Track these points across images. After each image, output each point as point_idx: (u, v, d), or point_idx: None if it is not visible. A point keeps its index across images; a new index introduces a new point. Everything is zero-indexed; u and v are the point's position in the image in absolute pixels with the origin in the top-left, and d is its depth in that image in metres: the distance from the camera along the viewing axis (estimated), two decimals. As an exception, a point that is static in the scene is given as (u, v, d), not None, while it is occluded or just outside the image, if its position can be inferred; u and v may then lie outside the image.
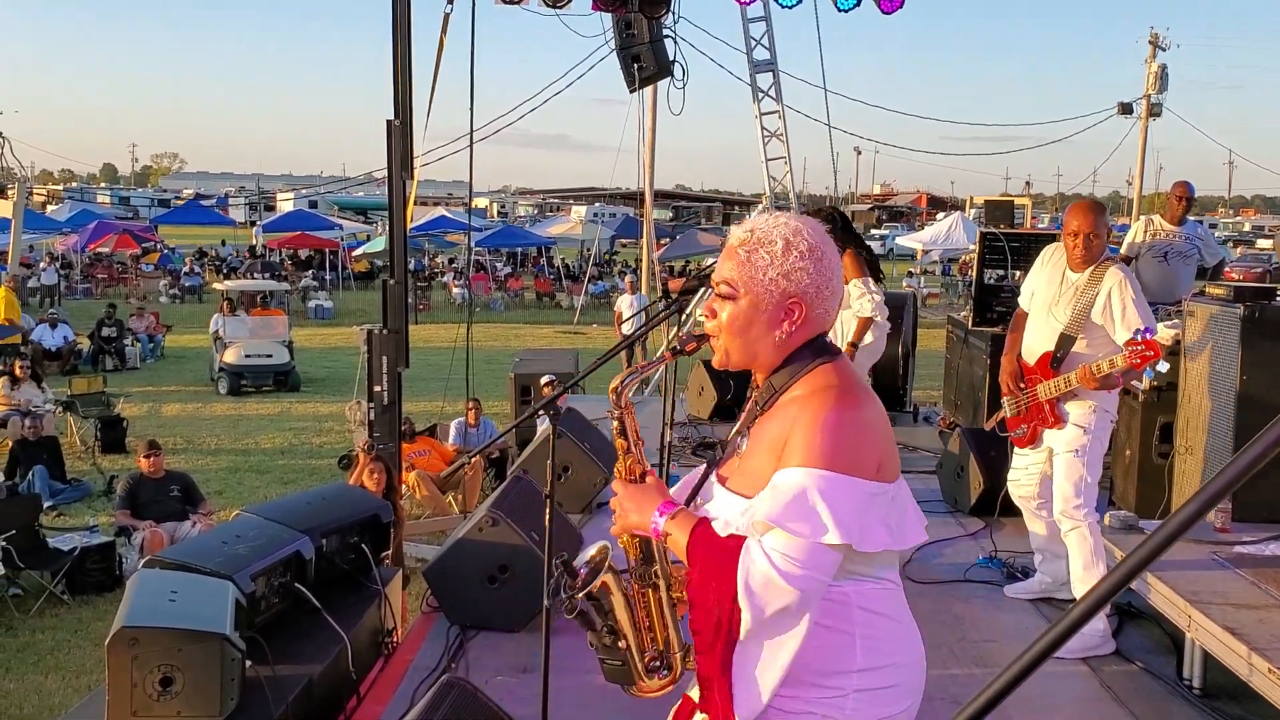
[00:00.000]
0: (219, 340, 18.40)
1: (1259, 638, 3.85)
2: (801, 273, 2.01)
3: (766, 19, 15.00)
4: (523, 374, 12.02)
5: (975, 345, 8.35)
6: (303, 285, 32.07)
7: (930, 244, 34.83)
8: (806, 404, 1.97)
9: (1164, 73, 35.01)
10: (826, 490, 1.87)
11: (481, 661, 4.51)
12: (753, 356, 2.07)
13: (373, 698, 4.30)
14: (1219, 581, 4.45)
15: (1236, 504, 5.19)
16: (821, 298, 2.03)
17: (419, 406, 13.83)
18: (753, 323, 2.03)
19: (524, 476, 5.51)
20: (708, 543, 1.97)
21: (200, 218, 47.10)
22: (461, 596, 4.81)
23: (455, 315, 21.41)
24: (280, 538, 4.45)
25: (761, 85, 15.42)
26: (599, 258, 39.68)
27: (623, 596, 2.16)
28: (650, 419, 9.03)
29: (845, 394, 1.97)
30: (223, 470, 12.34)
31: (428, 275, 35.18)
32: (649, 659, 2.19)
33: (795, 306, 2.02)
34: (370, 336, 8.51)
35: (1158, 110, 35.16)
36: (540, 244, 40.62)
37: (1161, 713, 4.15)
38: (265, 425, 15.01)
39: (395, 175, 8.70)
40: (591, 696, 4.24)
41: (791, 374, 2.03)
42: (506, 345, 21.61)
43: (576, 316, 28.46)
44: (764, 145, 15.78)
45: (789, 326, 2.02)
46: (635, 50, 13.00)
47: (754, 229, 2.06)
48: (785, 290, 2.01)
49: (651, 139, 18.84)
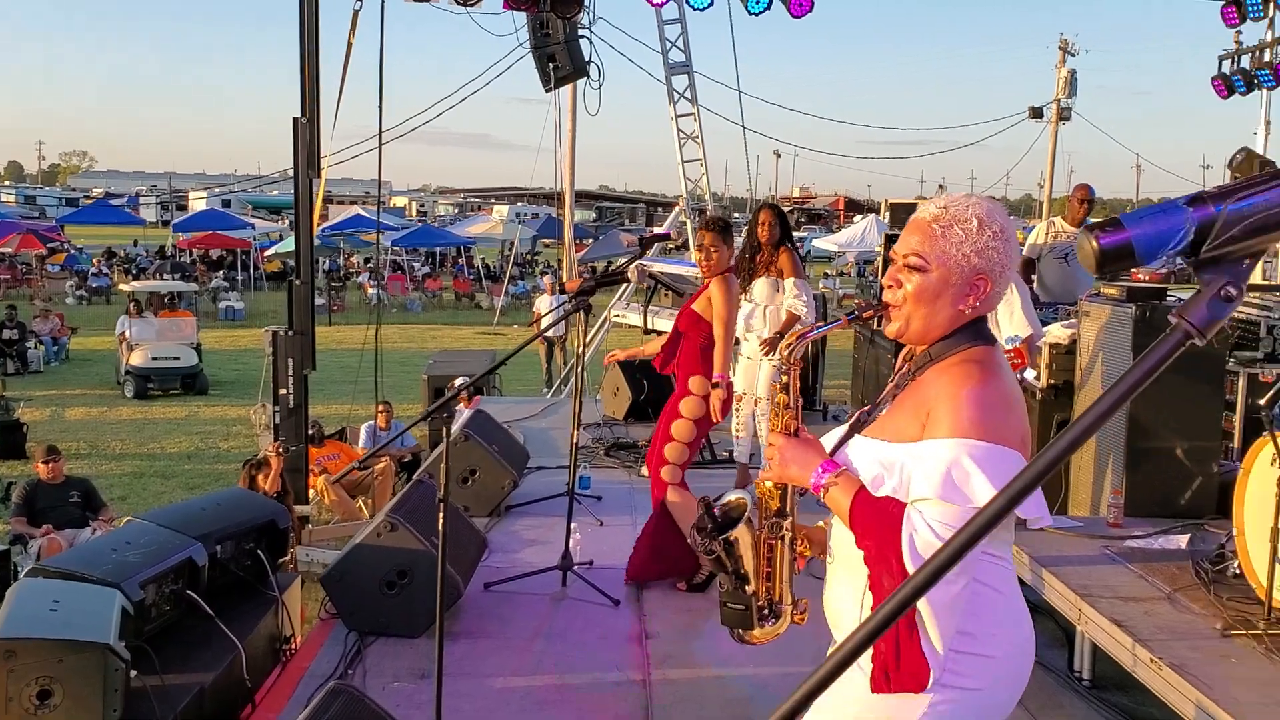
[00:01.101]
0: (125, 343, 17.98)
1: (1143, 629, 3.95)
2: (993, 251, 2.08)
3: (681, 21, 15.07)
4: (436, 376, 11.91)
5: (881, 345, 8.47)
6: (213, 286, 31.44)
7: (846, 246, 35.33)
8: (954, 375, 2.05)
9: (1074, 78, 35.75)
10: (979, 458, 1.94)
11: (380, 668, 4.44)
12: (931, 328, 2.13)
13: (267, 705, 4.21)
14: (1109, 575, 4.56)
15: (1129, 500, 5.32)
16: (1004, 278, 2.12)
17: (330, 409, 13.63)
18: (940, 294, 2.10)
19: (427, 480, 5.45)
20: (872, 505, 2.04)
21: (110, 217, 45.98)
22: (360, 602, 4.74)
23: (370, 316, 21.17)
24: (172, 544, 4.35)
25: (677, 87, 15.48)
26: (520, 258, 39.49)
27: (752, 544, 2.24)
28: (562, 420, 9.00)
29: (991, 370, 2.06)
30: (126, 475, 12.05)
31: (343, 275, 34.70)
32: (761, 604, 2.26)
33: (982, 282, 2.09)
34: (275, 338, 8.39)
35: (1067, 114, 35.89)
36: (460, 244, 40.29)
37: (1052, 704, 4.23)
38: (172, 429, 14.69)
39: (302, 173, 8.58)
40: (490, 700, 4.21)
41: (949, 346, 2.11)
42: (423, 347, 21.42)
43: (496, 317, 28.30)
44: (680, 147, 15.85)
45: (974, 301, 2.10)
46: (550, 50, 12.97)
47: (948, 205, 2.13)
48: (976, 266, 2.08)
49: (571, 139, 18.78)
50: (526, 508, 6.87)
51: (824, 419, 9.95)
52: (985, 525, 0.94)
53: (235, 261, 36.56)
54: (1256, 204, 0.89)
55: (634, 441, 8.53)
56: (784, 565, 2.26)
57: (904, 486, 2.03)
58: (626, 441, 8.68)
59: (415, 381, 13.95)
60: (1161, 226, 0.90)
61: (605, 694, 4.30)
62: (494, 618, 4.99)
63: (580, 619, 5.03)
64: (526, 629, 4.89)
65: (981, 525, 0.93)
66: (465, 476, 6.65)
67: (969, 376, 2.03)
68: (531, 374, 18.61)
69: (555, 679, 4.41)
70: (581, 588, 5.28)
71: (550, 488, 7.02)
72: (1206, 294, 0.89)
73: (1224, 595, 4.26)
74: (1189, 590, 4.36)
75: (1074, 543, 4.98)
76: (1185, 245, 0.90)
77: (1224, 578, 4.46)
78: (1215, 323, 0.89)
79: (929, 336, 2.14)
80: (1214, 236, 0.89)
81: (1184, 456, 5.46)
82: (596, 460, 8.19)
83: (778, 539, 2.26)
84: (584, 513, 6.53)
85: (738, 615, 2.27)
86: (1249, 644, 3.82)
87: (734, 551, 2.22)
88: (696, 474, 7.05)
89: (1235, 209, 0.89)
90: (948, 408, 2.00)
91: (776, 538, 2.26)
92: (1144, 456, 5.44)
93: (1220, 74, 12.25)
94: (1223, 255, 0.89)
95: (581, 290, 4.19)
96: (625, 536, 6.05)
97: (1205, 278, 0.90)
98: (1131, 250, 0.92)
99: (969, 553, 1.86)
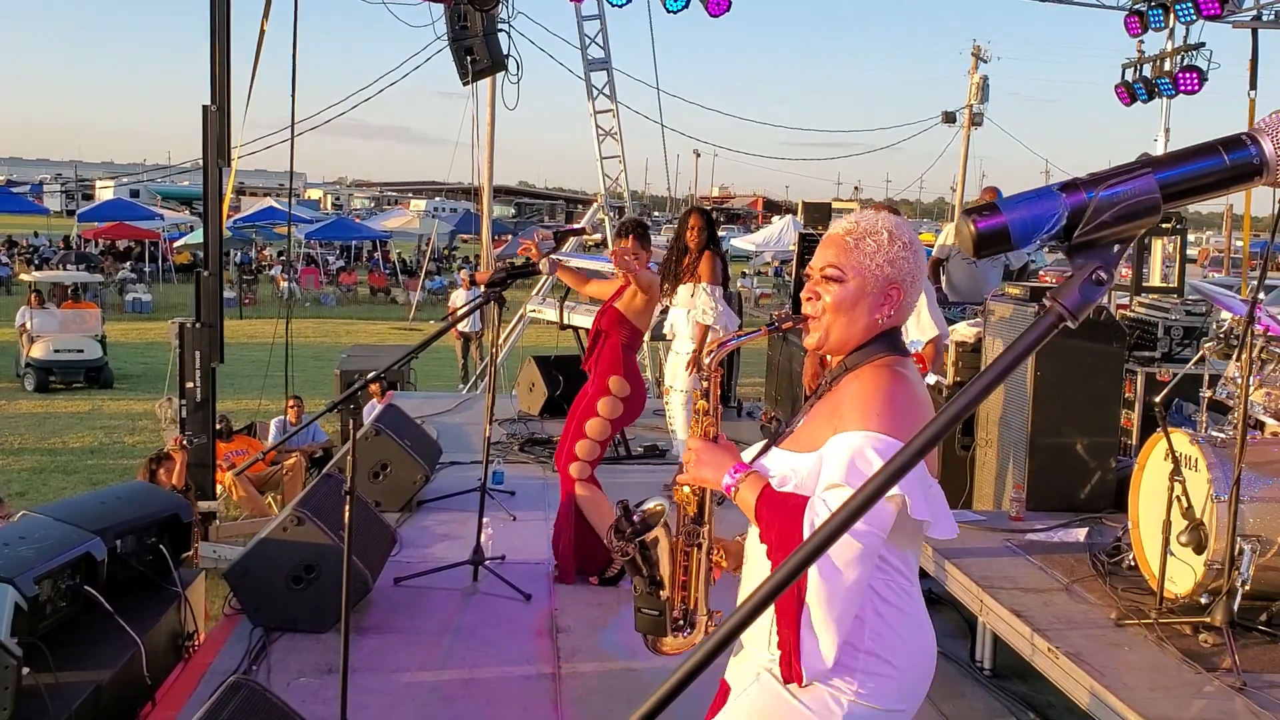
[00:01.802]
0: (26, 334, 17.44)
1: (1041, 619, 4.05)
2: (903, 261, 2.18)
3: (601, 17, 15.05)
4: (349, 370, 11.76)
5: (793, 343, 8.56)
6: (120, 278, 30.62)
7: (763, 246, 35.62)
8: (865, 377, 2.14)
9: (985, 84, 36.41)
10: (882, 450, 2.00)
11: (285, 663, 4.37)
12: (849, 338, 2.20)
13: (167, 703, 4.12)
14: (1009, 567, 4.67)
15: (1030, 495, 5.46)
16: (915, 287, 2.21)
17: (240, 404, 13.38)
18: (858, 303, 2.18)
19: (336, 474, 5.37)
20: (776, 500, 2.09)
21: (11, 205, 44.51)
22: (265, 598, 4.65)
23: (282, 310, 20.88)
24: (69, 539, 4.22)
25: (596, 84, 15.47)
26: (437, 253, 39.12)
27: (669, 549, 2.27)
28: (477, 416, 8.94)
29: (902, 375, 2.15)
30: (26, 470, 11.69)
31: (255, 268, 34.04)
32: (676, 615, 2.29)
33: (895, 291, 2.18)
34: (182, 330, 8.20)
35: (979, 120, 36.54)
36: (375, 238, 39.76)
37: (954, 693, 4.32)
38: (74, 423, 14.28)
39: (211, 163, 8.41)
40: (397, 695, 4.17)
41: (864, 356, 2.19)
42: (337, 341, 21.12)
43: (412, 313, 28.00)
44: (599, 144, 15.84)
45: (889, 310, 2.19)
46: (468, 43, 12.88)
47: (859, 220, 2.23)
48: (889, 276, 2.17)
49: (490, 133, 18.67)
50: (439, 503, 6.81)
51: (738, 416, 10.04)
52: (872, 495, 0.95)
53: (143, 253, 35.64)
54: (1125, 191, 0.92)
55: (549, 437, 8.51)
56: (700, 574, 2.29)
57: (808, 483, 2.08)
58: (541, 437, 8.65)
59: (328, 377, 13.77)
60: (1036, 211, 0.93)
61: (514, 687, 4.29)
62: (404, 613, 4.94)
63: (491, 614, 5.01)
64: (436, 624, 4.86)
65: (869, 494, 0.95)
66: (376, 471, 6.58)
67: (879, 379, 2.12)
68: (447, 370, 18.47)
69: (464, 673, 4.38)
70: (493, 582, 5.26)
71: (463, 483, 6.97)
72: (1079, 278, 0.92)
73: (1119, 586, 4.40)
74: (1086, 581, 4.49)
75: (977, 536, 5.09)
76: (1058, 230, 0.93)
77: (1120, 569, 4.60)
78: (1087, 305, 0.92)
79: (846, 346, 2.21)
80: (1085, 222, 0.92)
81: (1084, 453, 5.61)
82: (510, 456, 8.16)
83: (694, 546, 2.28)
84: (497, 508, 6.51)
85: (651, 621, 2.28)
86: (1141, 633, 3.94)
87: (650, 555, 2.25)
88: (613, 469, 7.10)
89: (1106, 195, 0.92)
90: (858, 406, 2.07)
91: (693, 544, 2.28)
92: (1045, 453, 5.59)
93: (1124, 82, 12.61)
94: (1094, 240, 0.92)
95: (492, 281, 4.17)
96: (538, 531, 6.04)
97: (1078, 262, 0.93)
98: (1007, 234, 0.94)
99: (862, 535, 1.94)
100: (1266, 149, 0.93)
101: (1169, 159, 0.94)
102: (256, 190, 48.33)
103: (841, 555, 1.97)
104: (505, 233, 39.07)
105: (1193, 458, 4.11)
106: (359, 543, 4.24)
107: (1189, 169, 0.95)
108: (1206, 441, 4.13)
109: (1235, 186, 0.93)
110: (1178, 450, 4.01)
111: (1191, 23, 11.45)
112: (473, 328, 17.84)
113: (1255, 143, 0.93)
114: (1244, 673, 3.57)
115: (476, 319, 17.00)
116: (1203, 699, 3.49)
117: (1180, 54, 11.82)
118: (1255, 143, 0.93)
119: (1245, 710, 3.40)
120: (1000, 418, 5.90)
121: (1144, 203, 0.92)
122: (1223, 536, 3.87)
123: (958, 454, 6.34)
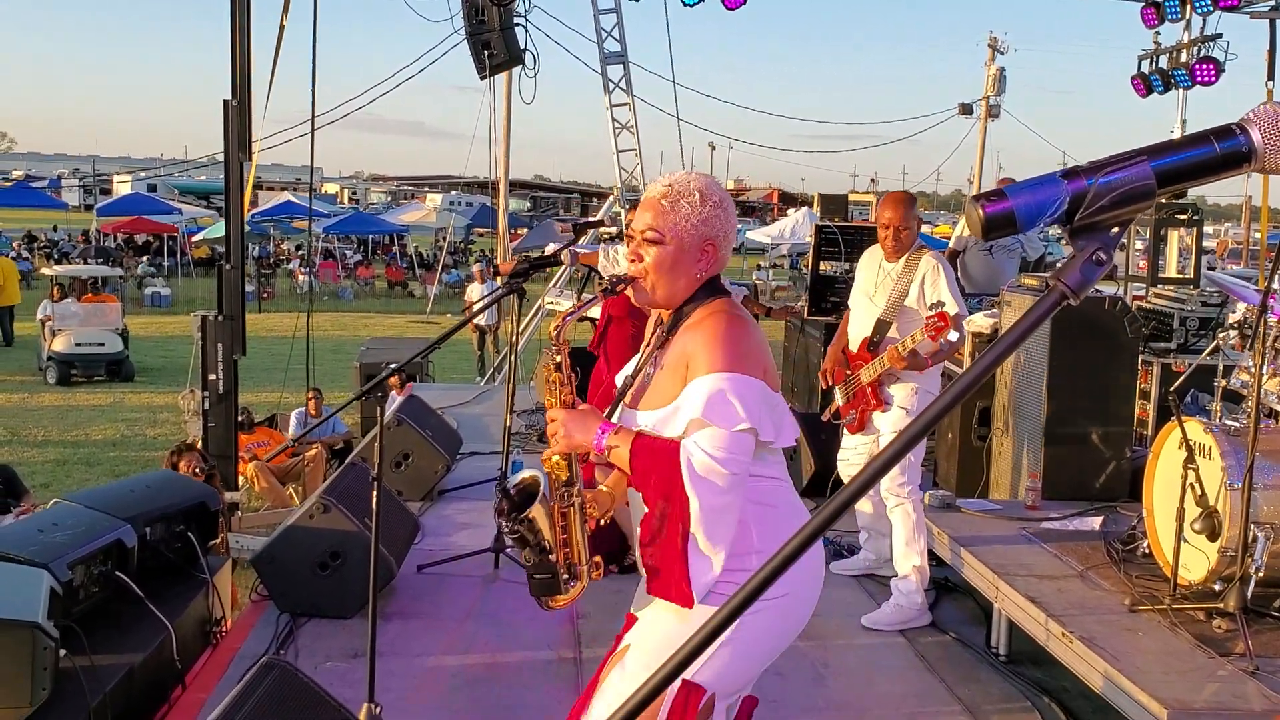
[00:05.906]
0: (48, 327, 17.61)
1: (1056, 605, 4.10)
2: (716, 220, 2.40)
3: (617, 11, 15.11)
4: (368, 363, 11.85)
5: (811, 334, 8.61)
6: (139, 272, 30.83)
7: (779, 238, 35.54)
8: (703, 325, 2.35)
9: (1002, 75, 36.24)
10: (733, 388, 2.23)
11: (312, 648, 4.46)
12: (676, 293, 2.41)
13: (197, 686, 4.22)
14: (1025, 555, 4.72)
15: (1046, 484, 5.51)
16: (728, 241, 2.44)
17: (260, 397, 13.48)
18: (678, 262, 2.38)
19: (360, 463, 5.46)
20: (650, 447, 2.28)
21: (30, 200, 44.79)
22: (291, 584, 4.74)
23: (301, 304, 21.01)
24: (100, 525, 4.31)
25: (612, 77, 15.53)
26: (454, 246, 39.22)
27: (548, 516, 2.41)
28: (496, 407, 9.02)
29: (734, 316, 2.36)
30: (49, 463, 11.83)
31: (273, 262, 34.21)
32: (562, 572, 2.44)
33: (710, 248, 2.40)
34: (205, 323, 8.29)
35: (996, 112, 36.39)
36: (393, 232, 39.89)
37: (970, 678, 4.38)
38: (96, 416, 14.42)
39: (232, 157, 8.49)
40: (422, 678, 4.26)
41: (694, 305, 2.41)
42: (355, 334, 21.23)
43: (429, 306, 28.09)
44: (615, 137, 15.90)
45: (705, 264, 2.41)
46: (485, 37, 12.96)
47: (671, 183, 2.41)
48: (704, 234, 2.39)
49: (506, 127, 18.78)
50: (459, 492, 6.90)
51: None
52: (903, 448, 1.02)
53: (161, 247, 35.85)
54: (1122, 178, 0.99)
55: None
56: (578, 530, 2.45)
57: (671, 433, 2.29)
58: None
59: (347, 369, 13.86)
60: (1040, 197, 1.00)
61: (536, 671, 4.37)
62: (427, 599, 5.02)
63: (513, 599, 5.08)
64: (459, 610, 4.94)
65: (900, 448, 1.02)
66: (398, 461, 6.67)
67: (716, 324, 2.33)
68: (464, 362, 18.56)
69: (487, 657, 4.46)
70: (514, 570, 5.33)
71: (483, 473, 7.06)
72: (1080, 259, 0.99)
73: (1133, 573, 4.44)
74: (1100, 569, 4.53)
75: (993, 524, 5.14)
76: (1061, 214, 1.00)
77: (1134, 557, 4.64)
78: (1088, 284, 0.99)
79: (674, 300, 2.43)
80: (1086, 206, 0.99)
81: (1099, 442, 5.66)
82: (530, 446, 8.23)
83: (570, 507, 2.44)
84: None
85: (545, 584, 2.43)
86: (1155, 618, 3.99)
87: (534, 528, 2.39)
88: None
89: (1104, 181, 0.99)
90: (703, 352, 2.28)
91: (569, 505, 2.44)
92: (1061, 442, 5.63)
93: (1140, 73, 12.59)
94: (1094, 223, 1.00)
95: (515, 273, 4.24)
96: (557, 520, 6.11)
97: (1079, 244, 1.00)
98: (1013, 218, 1.01)
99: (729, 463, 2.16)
100: (1255, 138, 1.00)
101: (1164, 148, 1.01)
102: (274, 185, 48.50)
103: (716, 485, 2.18)
104: (521, 226, 39.12)
105: (1207, 446, 4.15)
106: (384, 530, 4.31)
107: (1182, 157, 1.02)
108: (1220, 430, 4.17)
109: (1226, 173, 1.01)
110: (1192, 439, 4.05)
111: (1208, 14, 11.43)
112: (489, 320, 17.93)
113: (1244, 132, 1.01)
114: (1257, 657, 3.61)
115: (493, 312, 17.08)
116: (1216, 683, 3.53)
117: (1197, 45, 11.79)
118: (1244, 132, 1.01)
119: (1258, 694, 3.44)
120: (1016, 408, 5.94)
121: (1140, 188, 0.99)
122: (1236, 524, 3.91)
123: (974, 444, 6.39)
